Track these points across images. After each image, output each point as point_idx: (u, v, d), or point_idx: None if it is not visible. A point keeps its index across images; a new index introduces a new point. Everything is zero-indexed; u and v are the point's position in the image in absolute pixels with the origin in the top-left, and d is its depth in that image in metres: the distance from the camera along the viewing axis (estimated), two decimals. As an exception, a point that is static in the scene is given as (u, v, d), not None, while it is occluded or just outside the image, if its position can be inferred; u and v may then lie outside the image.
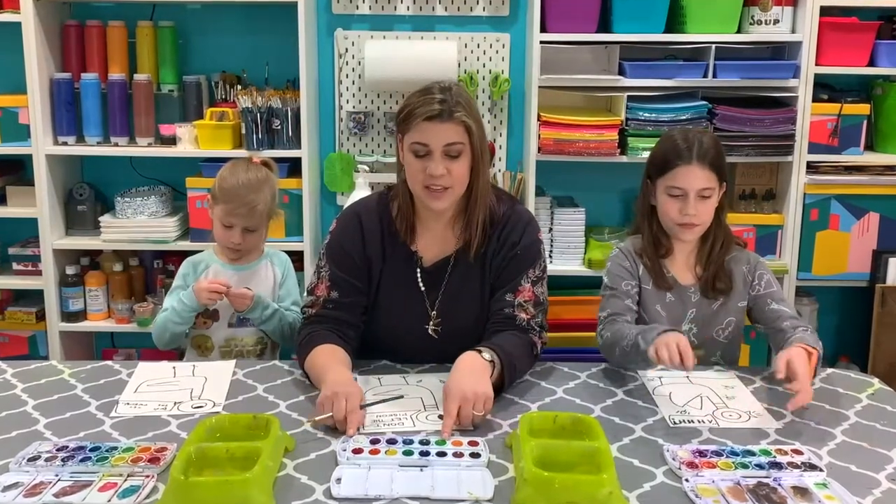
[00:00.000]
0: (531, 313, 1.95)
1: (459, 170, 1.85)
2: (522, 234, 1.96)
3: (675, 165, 2.01)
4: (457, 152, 1.84)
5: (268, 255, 2.33)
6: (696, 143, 2.01)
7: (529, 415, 1.63)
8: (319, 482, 1.46)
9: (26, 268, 3.24)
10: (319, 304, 1.97)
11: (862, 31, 3.02)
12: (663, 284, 2.08)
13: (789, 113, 3.02)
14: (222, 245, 2.27)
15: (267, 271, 2.30)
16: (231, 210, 2.20)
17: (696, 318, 2.10)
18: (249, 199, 2.19)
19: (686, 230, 2.04)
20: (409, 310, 1.98)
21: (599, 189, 3.34)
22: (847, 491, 1.43)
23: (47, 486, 1.43)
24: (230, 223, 2.21)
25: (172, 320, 2.20)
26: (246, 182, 2.22)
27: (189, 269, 2.29)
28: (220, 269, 2.27)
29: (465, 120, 1.82)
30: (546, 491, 1.35)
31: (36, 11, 2.98)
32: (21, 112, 3.09)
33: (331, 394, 1.65)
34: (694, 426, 1.69)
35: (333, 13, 3.26)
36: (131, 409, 1.76)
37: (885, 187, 3.09)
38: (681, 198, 2.02)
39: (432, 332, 1.98)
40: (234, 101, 3.15)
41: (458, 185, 1.87)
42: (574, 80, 3.06)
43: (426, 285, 1.98)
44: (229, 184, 2.21)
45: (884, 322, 3.08)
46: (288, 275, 2.32)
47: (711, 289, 2.08)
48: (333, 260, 1.98)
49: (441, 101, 1.81)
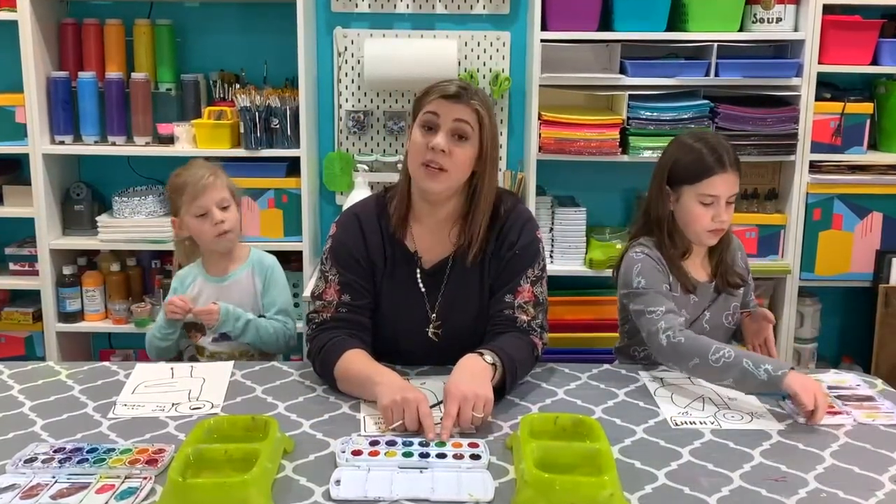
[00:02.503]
0: (531, 314, 1.93)
1: (462, 154, 1.84)
2: (520, 234, 1.95)
3: (713, 174, 2.01)
4: (464, 133, 1.84)
5: (251, 262, 2.29)
6: (724, 150, 2.02)
7: (530, 416, 1.62)
8: (318, 484, 1.44)
9: (23, 268, 3.23)
10: (332, 309, 1.93)
11: (865, 30, 3.00)
12: (690, 287, 2.08)
13: (792, 112, 3.01)
14: (209, 238, 2.22)
15: (248, 282, 2.27)
16: (199, 193, 2.18)
17: (710, 309, 2.12)
18: (210, 178, 2.21)
19: (715, 235, 2.07)
20: (409, 312, 1.97)
21: (600, 188, 3.33)
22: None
23: (44, 488, 1.42)
24: (205, 209, 2.19)
25: (156, 335, 2.24)
26: (200, 166, 2.24)
27: (177, 283, 2.29)
28: (203, 283, 2.25)
29: (479, 108, 1.85)
30: (547, 493, 1.34)
31: (33, 9, 2.97)
32: (18, 111, 3.08)
33: (400, 399, 1.63)
34: (696, 427, 1.68)
35: (332, 11, 3.25)
36: (129, 410, 1.75)
37: (889, 187, 3.08)
38: (712, 205, 2.03)
39: (432, 335, 1.97)
40: (232, 100, 3.14)
41: (455, 171, 1.85)
42: (575, 78, 3.04)
43: (426, 286, 1.96)
44: (186, 177, 2.22)
45: (887, 323, 3.07)
46: (271, 283, 2.27)
47: (728, 285, 2.12)
48: (339, 263, 1.95)
49: (461, 87, 1.85)
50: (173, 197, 2.24)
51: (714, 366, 1.82)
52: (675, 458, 1.56)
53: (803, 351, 3.21)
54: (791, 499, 1.42)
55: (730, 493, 1.44)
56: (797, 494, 1.44)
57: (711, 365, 1.82)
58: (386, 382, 1.71)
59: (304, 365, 1.98)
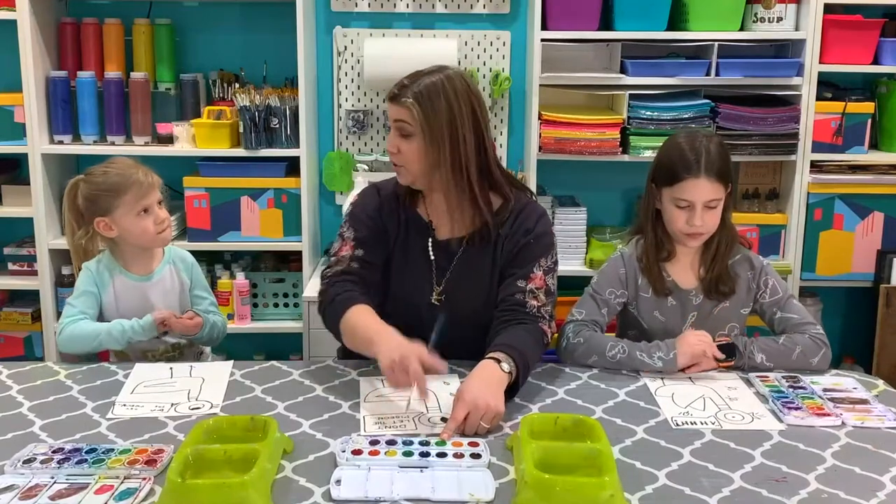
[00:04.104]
0: (542, 301, 1.96)
1: (408, 149, 1.93)
2: (536, 223, 2.01)
3: (683, 178, 1.98)
4: (406, 132, 1.93)
5: (169, 259, 2.21)
6: (703, 155, 1.98)
7: (530, 416, 1.61)
8: (318, 484, 1.44)
9: (22, 268, 3.22)
10: (345, 262, 2.00)
11: (866, 29, 3.00)
12: (662, 290, 2.07)
13: (793, 111, 3.00)
14: (150, 237, 2.12)
15: (172, 279, 2.20)
16: (146, 192, 2.10)
17: (697, 322, 2.07)
18: (151, 177, 2.12)
19: (692, 239, 2.03)
20: (415, 277, 2.02)
21: (601, 188, 3.33)
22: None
23: (43, 489, 1.41)
24: (146, 204, 2.10)
25: (116, 339, 2.07)
26: (132, 165, 2.14)
27: (88, 281, 2.14)
28: (125, 282, 2.15)
29: (412, 107, 1.90)
30: (547, 494, 1.33)
31: (32, 9, 2.96)
32: (17, 110, 3.07)
33: (398, 358, 1.68)
34: (696, 427, 1.68)
35: (332, 10, 3.24)
36: (128, 410, 1.74)
37: (890, 186, 3.08)
38: (687, 209, 2.00)
39: (436, 300, 2.01)
40: (231, 99, 3.13)
41: (408, 164, 1.95)
42: (575, 78, 3.04)
43: (436, 256, 2.02)
44: (125, 176, 2.10)
45: (888, 323, 3.07)
46: (197, 279, 2.25)
47: (714, 291, 2.06)
48: (356, 223, 2.04)
49: (401, 87, 1.93)
50: (103, 196, 2.10)
51: (611, 361, 1.95)
52: (675, 459, 1.55)
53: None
54: (792, 499, 1.42)
55: (730, 494, 1.43)
56: (798, 495, 1.43)
57: (609, 360, 1.95)
58: (384, 342, 1.75)
59: (304, 364, 1.98)
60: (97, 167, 2.17)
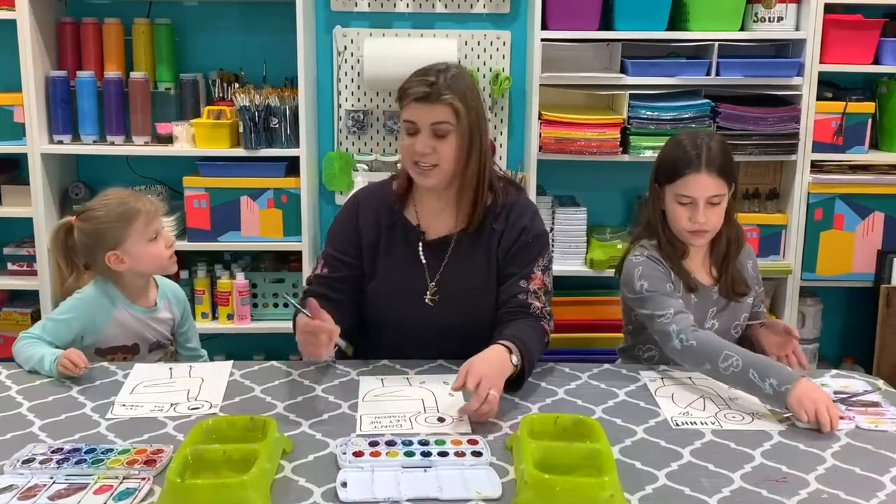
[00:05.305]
0: (543, 301, 1.98)
1: (446, 149, 1.90)
2: (533, 221, 2.01)
3: (684, 174, 1.99)
4: (444, 132, 1.89)
5: (164, 291, 2.18)
6: (704, 150, 1.99)
7: (530, 416, 1.61)
8: (318, 484, 1.44)
9: (21, 268, 3.21)
10: (312, 282, 2.06)
11: (867, 29, 3.00)
12: (690, 287, 2.07)
13: (793, 111, 3.00)
14: (163, 262, 2.10)
15: (166, 312, 2.18)
16: (153, 218, 2.08)
17: (718, 316, 2.10)
18: (140, 197, 2.11)
19: (696, 237, 2.03)
20: (407, 280, 2.02)
21: (601, 188, 3.32)
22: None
23: (42, 489, 1.41)
24: (157, 228, 2.09)
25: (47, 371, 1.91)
26: (132, 194, 2.13)
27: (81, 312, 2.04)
28: (128, 313, 2.09)
29: (453, 102, 1.87)
30: (547, 494, 1.33)
31: (31, 8, 2.96)
32: (16, 110, 3.06)
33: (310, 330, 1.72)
34: (697, 428, 1.68)
35: (332, 10, 3.24)
36: (127, 410, 1.74)
37: (890, 186, 3.07)
38: (690, 205, 2.00)
39: (429, 300, 2.00)
40: (231, 99, 3.12)
41: (445, 164, 1.91)
42: (576, 78, 3.04)
43: (427, 258, 2.01)
44: (132, 206, 2.06)
45: (889, 323, 3.06)
46: (187, 315, 2.23)
47: (731, 292, 2.09)
48: (330, 240, 2.09)
49: (431, 84, 1.87)
50: (112, 228, 2.04)
51: (723, 374, 1.82)
52: (675, 459, 1.55)
53: (804, 351, 3.18)
54: (792, 499, 1.42)
55: (730, 494, 1.43)
56: (798, 495, 1.43)
57: (721, 373, 1.82)
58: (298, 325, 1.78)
59: (304, 364, 1.98)
60: (90, 203, 2.12)
